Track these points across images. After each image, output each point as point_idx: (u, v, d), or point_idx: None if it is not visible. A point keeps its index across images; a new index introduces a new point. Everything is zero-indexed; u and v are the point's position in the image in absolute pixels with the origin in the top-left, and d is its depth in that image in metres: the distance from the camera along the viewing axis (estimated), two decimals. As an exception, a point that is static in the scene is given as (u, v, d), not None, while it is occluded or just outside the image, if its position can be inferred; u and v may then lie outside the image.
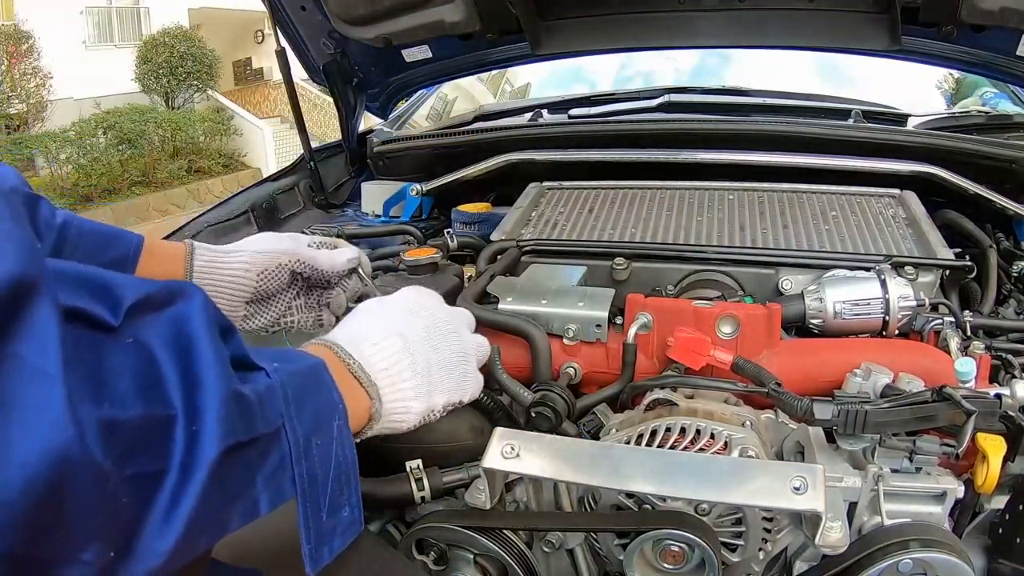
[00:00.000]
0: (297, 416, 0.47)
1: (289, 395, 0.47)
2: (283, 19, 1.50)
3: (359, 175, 1.77)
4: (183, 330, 0.41)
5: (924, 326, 0.89)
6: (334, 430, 0.51)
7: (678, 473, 0.66)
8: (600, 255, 1.06)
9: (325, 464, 0.50)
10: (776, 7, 1.34)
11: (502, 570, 0.77)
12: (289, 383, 0.47)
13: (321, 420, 0.50)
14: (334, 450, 0.51)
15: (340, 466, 0.51)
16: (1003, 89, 1.79)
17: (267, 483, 0.45)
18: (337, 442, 0.51)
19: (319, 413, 0.50)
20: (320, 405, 0.50)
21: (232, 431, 0.40)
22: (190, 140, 11.53)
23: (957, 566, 0.65)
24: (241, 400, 0.42)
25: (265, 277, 0.86)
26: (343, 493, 0.52)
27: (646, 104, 1.70)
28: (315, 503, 0.49)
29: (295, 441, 0.47)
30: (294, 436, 0.46)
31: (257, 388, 0.44)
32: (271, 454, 0.45)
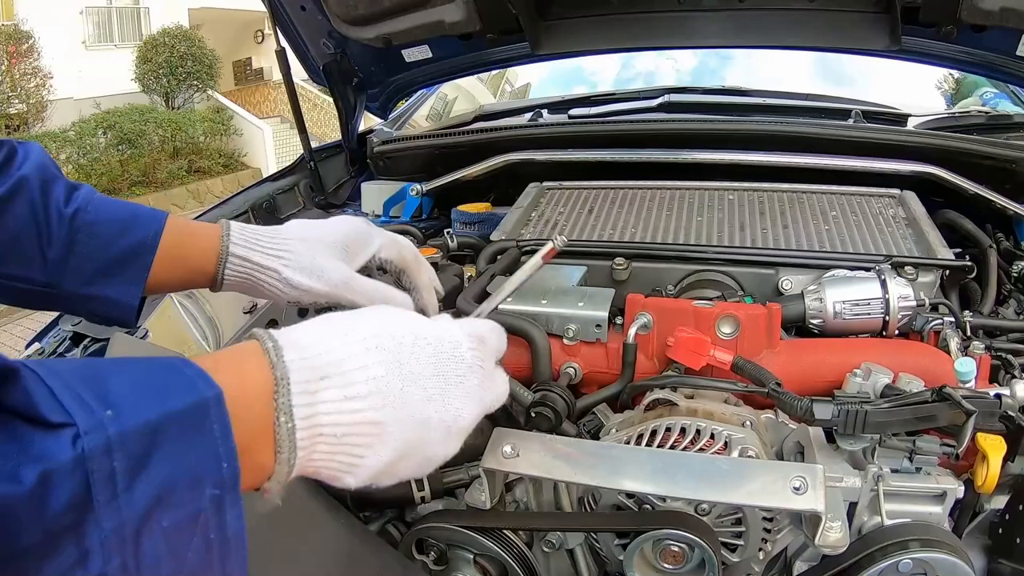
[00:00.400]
0: (125, 491, 0.34)
1: (114, 466, 0.33)
2: (283, 19, 1.50)
3: (359, 175, 1.77)
4: None
5: (924, 326, 0.89)
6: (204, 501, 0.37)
7: (678, 473, 0.66)
8: (600, 255, 1.06)
9: (176, 548, 0.36)
10: (776, 7, 1.34)
11: (502, 570, 0.77)
12: (120, 447, 0.33)
13: (177, 491, 0.36)
14: (200, 528, 0.37)
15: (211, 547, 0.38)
16: (1003, 89, 1.79)
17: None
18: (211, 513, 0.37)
19: (176, 480, 0.36)
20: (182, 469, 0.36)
21: None
22: (190, 140, 11.53)
23: (957, 566, 0.65)
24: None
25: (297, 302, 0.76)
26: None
27: (646, 104, 1.70)
28: None
29: (114, 528, 0.33)
30: (114, 523, 0.33)
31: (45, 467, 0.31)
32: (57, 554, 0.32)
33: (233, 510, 0.38)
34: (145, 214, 0.74)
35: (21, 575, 0.32)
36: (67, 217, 0.69)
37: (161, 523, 0.35)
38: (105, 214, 0.72)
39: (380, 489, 0.55)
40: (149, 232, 0.73)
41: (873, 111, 1.61)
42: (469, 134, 1.54)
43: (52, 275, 0.69)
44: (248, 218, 1.49)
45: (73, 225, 0.69)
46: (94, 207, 0.71)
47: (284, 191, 1.61)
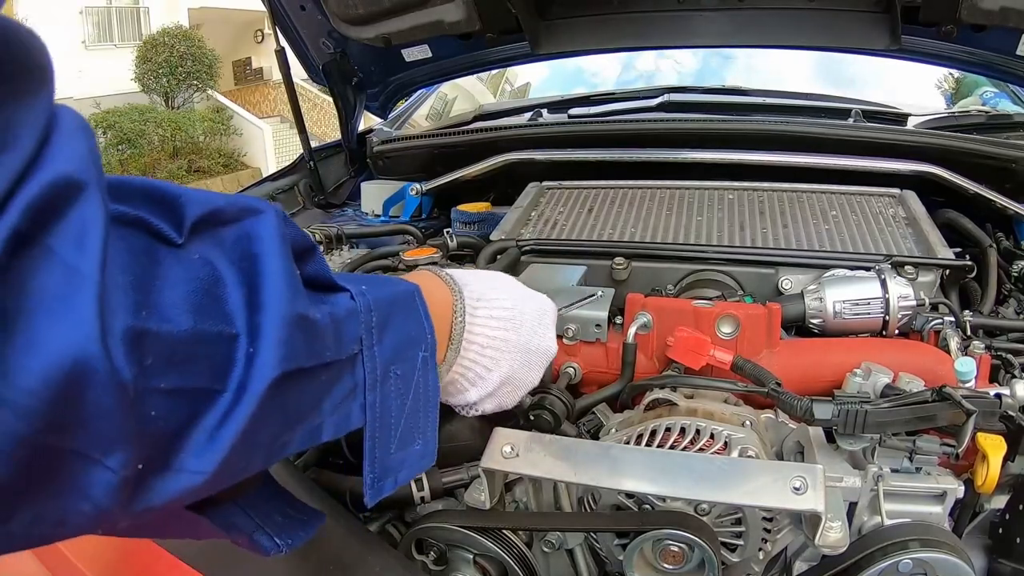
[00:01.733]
0: (378, 343, 0.45)
1: (373, 321, 0.45)
2: (283, 19, 1.50)
3: (359, 175, 1.77)
4: (250, 248, 0.39)
5: (924, 326, 0.89)
6: (418, 360, 0.50)
7: (678, 473, 0.66)
8: (600, 255, 1.06)
9: (402, 395, 0.48)
10: (776, 7, 1.34)
11: (502, 570, 0.77)
12: (375, 308, 0.45)
13: (404, 349, 0.48)
14: (415, 381, 0.49)
15: (419, 398, 0.50)
16: (1003, 89, 1.79)
17: (334, 409, 0.43)
18: (420, 373, 0.50)
19: (403, 341, 0.48)
20: (406, 333, 0.48)
21: (292, 356, 0.38)
22: (190, 140, 11.54)
23: (957, 566, 0.65)
24: (307, 324, 0.39)
25: None
26: (417, 426, 0.50)
27: (646, 104, 1.69)
28: (384, 434, 0.47)
29: (371, 369, 0.45)
30: (371, 364, 0.45)
31: (335, 312, 0.42)
32: (342, 381, 0.43)
33: (433, 372, 0.51)
34: None
35: (317, 390, 0.42)
36: None
37: (397, 371, 0.47)
38: None
39: None
40: None
41: (873, 111, 1.60)
42: (469, 134, 1.54)
43: None
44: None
45: None
46: None
47: (284, 191, 1.61)
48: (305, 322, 0.39)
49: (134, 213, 0.35)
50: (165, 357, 0.33)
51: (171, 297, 0.34)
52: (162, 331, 0.33)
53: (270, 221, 0.40)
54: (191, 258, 0.37)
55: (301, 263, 0.42)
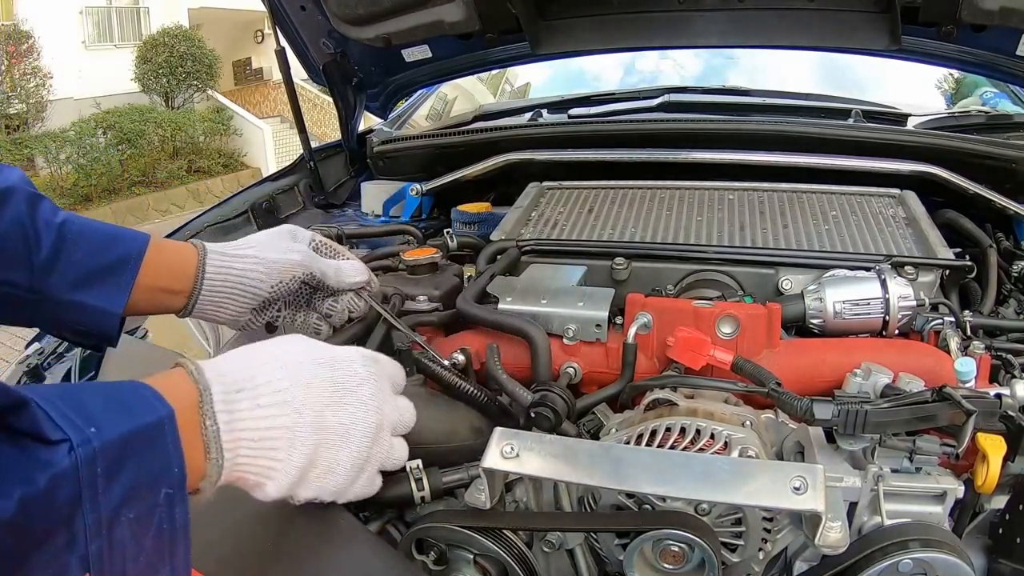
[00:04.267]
0: (104, 492, 0.42)
1: (98, 471, 0.41)
2: (283, 19, 1.50)
3: (359, 175, 1.77)
4: None
5: (924, 326, 0.89)
6: (160, 498, 0.46)
7: (678, 473, 0.66)
8: (600, 255, 1.06)
9: (139, 536, 0.44)
10: (776, 7, 1.34)
11: (502, 570, 0.77)
12: (102, 455, 0.42)
13: (140, 490, 0.44)
14: (156, 518, 0.45)
15: (163, 535, 0.46)
16: (1003, 89, 1.79)
17: (44, 567, 0.40)
18: (164, 509, 0.46)
19: (140, 481, 0.44)
20: (145, 472, 0.45)
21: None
22: (190, 140, 11.54)
23: (957, 566, 0.65)
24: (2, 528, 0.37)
25: (277, 288, 0.85)
26: (163, 561, 0.46)
27: (646, 104, 1.70)
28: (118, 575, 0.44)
29: (94, 520, 0.42)
30: (94, 515, 0.42)
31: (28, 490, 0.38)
32: (51, 540, 0.40)
33: (181, 505, 0.47)
34: (129, 231, 0.78)
35: (23, 557, 0.39)
36: (55, 226, 0.70)
37: (128, 515, 0.44)
38: (92, 227, 0.74)
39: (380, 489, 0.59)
40: (135, 244, 0.76)
41: (873, 111, 1.61)
42: (469, 134, 1.54)
43: (37, 280, 0.70)
44: (248, 218, 1.49)
45: (60, 233, 0.71)
46: (81, 221, 0.74)
47: (284, 191, 1.61)
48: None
49: None
50: None
51: None
52: None
53: None
54: None
55: (12, 418, 0.40)
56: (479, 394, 0.85)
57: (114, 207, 10.17)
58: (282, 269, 0.84)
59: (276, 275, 0.84)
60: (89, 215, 10.94)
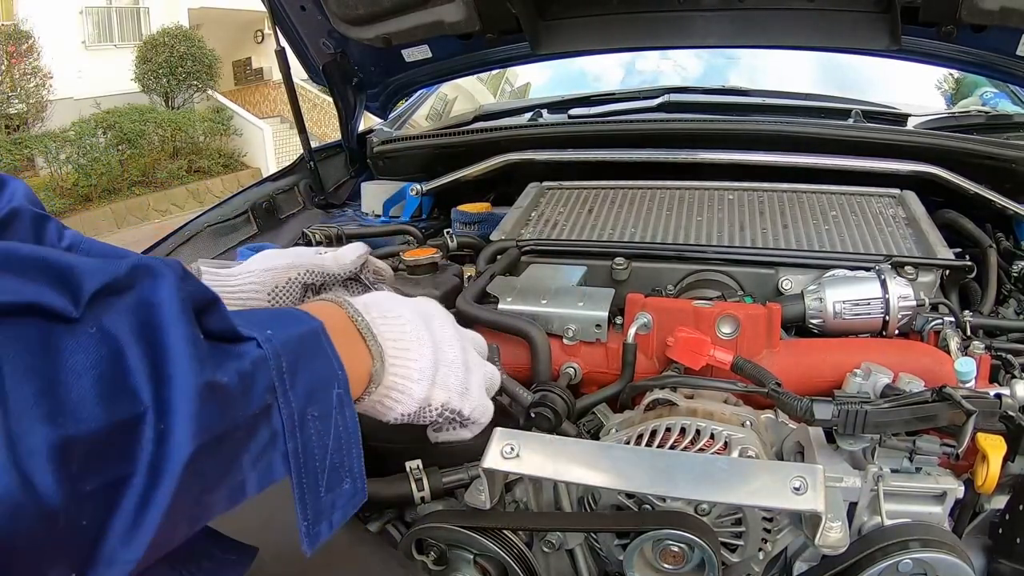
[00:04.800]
0: (291, 388, 0.44)
1: (283, 367, 0.44)
2: (283, 19, 1.50)
3: (359, 175, 1.77)
4: (151, 317, 0.37)
5: (924, 326, 0.89)
6: (333, 399, 0.49)
7: (678, 473, 0.66)
8: (600, 255, 1.06)
9: (323, 436, 0.47)
10: (776, 7, 1.34)
11: (502, 570, 0.77)
12: (284, 352, 0.44)
13: (318, 390, 0.47)
14: (333, 420, 0.48)
15: (340, 437, 0.49)
16: (1003, 89, 1.79)
17: (254, 463, 0.43)
18: (337, 411, 0.49)
19: (316, 383, 0.47)
20: (317, 374, 0.48)
21: (206, 428, 0.37)
22: (190, 140, 11.53)
23: (957, 566, 0.65)
24: (217, 391, 0.39)
25: (277, 294, 0.84)
26: (343, 465, 0.49)
27: (646, 104, 1.70)
28: (312, 478, 0.47)
29: (288, 416, 0.44)
30: (287, 410, 0.44)
31: (242, 367, 0.41)
32: (258, 433, 0.43)
33: (349, 408, 0.50)
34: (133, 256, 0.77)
35: (235, 449, 0.41)
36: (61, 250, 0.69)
37: (314, 414, 0.46)
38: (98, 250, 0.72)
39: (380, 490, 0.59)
40: None
41: (873, 111, 1.61)
42: (469, 134, 1.54)
43: None
44: (248, 218, 1.48)
45: None
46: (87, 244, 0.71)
47: (284, 191, 1.61)
48: (215, 389, 0.38)
49: (25, 300, 0.33)
50: (86, 458, 0.32)
51: (80, 391, 0.33)
52: (80, 433, 0.32)
53: (168, 284, 0.39)
54: (89, 333, 0.35)
55: (204, 317, 0.41)
56: None
57: (114, 207, 10.16)
58: (276, 274, 0.83)
59: (272, 281, 0.83)
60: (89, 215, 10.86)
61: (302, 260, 0.86)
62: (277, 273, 0.84)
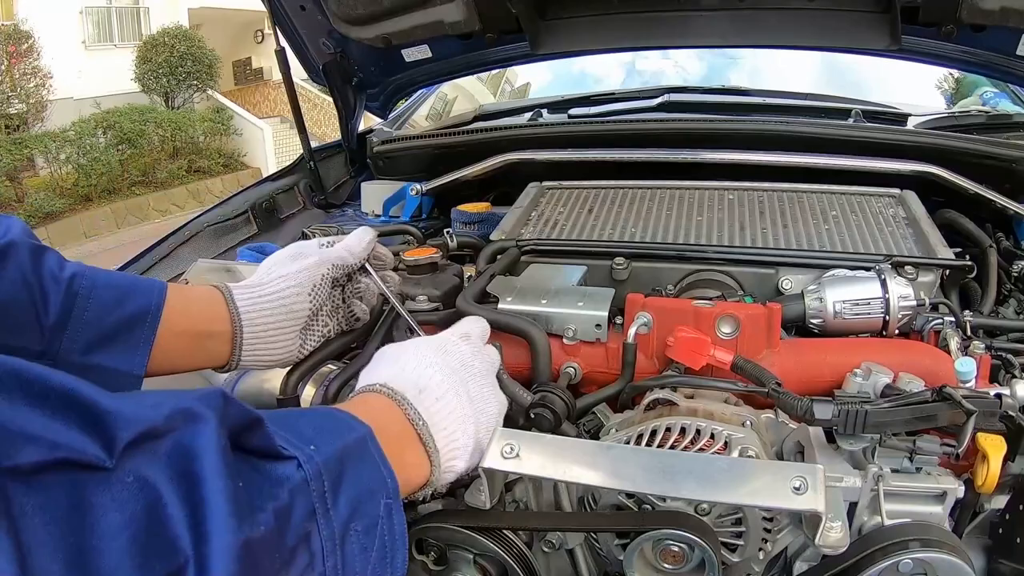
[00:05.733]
0: (333, 506, 0.43)
1: (325, 487, 0.43)
2: (283, 19, 1.50)
3: (359, 175, 1.77)
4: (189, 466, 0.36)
5: (924, 326, 0.89)
6: (380, 508, 0.47)
7: (678, 473, 0.66)
8: (600, 255, 1.06)
9: (365, 548, 0.45)
10: (776, 7, 1.34)
11: (502, 570, 0.77)
12: (327, 471, 0.43)
13: (363, 502, 0.46)
14: (379, 530, 0.46)
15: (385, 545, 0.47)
16: (1003, 89, 1.79)
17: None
18: (384, 521, 0.47)
19: (361, 495, 0.46)
20: (363, 486, 0.46)
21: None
22: (190, 140, 11.54)
23: (957, 566, 0.65)
24: (255, 544, 0.37)
25: (316, 293, 0.80)
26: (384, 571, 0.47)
27: (646, 104, 1.70)
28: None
29: (328, 536, 0.42)
30: (328, 531, 0.42)
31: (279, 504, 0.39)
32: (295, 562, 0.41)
33: (399, 515, 0.49)
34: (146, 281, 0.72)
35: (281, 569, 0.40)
36: (63, 281, 0.65)
37: (357, 528, 0.45)
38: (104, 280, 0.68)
39: None
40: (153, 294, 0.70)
41: (873, 111, 1.61)
42: (469, 134, 1.54)
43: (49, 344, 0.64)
44: (248, 218, 1.48)
45: (70, 290, 0.65)
46: (91, 273, 0.68)
47: (284, 191, 1.61)
48: (252, 544, 0.37)
49: (55, 456, 0.31)
50: None
51: (114, 556, 0.31)
52: None
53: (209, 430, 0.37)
54: (125, 483, 0.33)
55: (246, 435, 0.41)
56: None
57: (114, 207, 10.17)
58: (310, 274, 0.79)
59: (308, 283, 0.79)
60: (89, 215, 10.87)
61: (327, 255, 0.82)
62: (311, 272, 0.80)
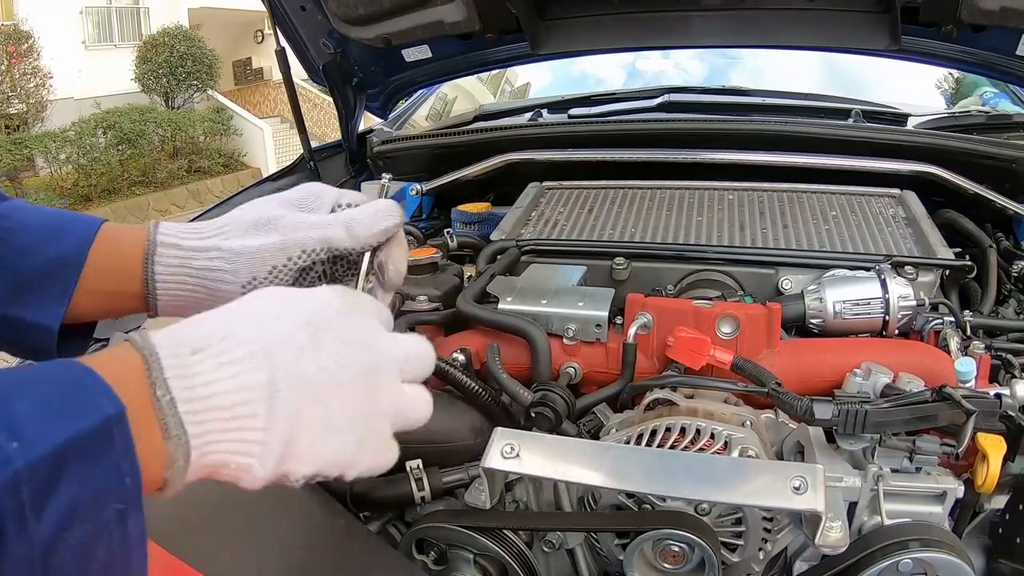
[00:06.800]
0: (35, 519, 0.33)
1: (24, 499, 0.33)
2: (283, 19, 1.50)
3: (359, 175, 1.77)
4: None
5: (924, 326, 0.89)
6: (108, 516, 0.36)
7: (678, 473, 0.66)
8: (600, 255, 1.06)
9: (84, 560, 0.36)
10: (776, 7, 1.34)
11: (502, 570, 0.77)
12: (29, 478, 0.33)
13: (82, 511, 0.35)
14: (104, 539, 0.36)
15: (112, 556, 0.37)
16: (1003, 89, 1.79)
17: None
18: (113, 527, 0.37)
19: (82, 500, 0.35)
20: (89, 489, 0.36)
21: None
22: (190, 140, 11.54)
23: (957, 566, 0.65)
24: None
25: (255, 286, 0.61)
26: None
27: (646, 104, 1.70)
28: None
29: (24, 554, 0.33)
30: (23, 548, 0.33)
31: None
32: None
33: (135, 520, 0.38)
34: (76, 221, 0.62)
35: None
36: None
37: (68, 541, 0.35)
38: (30, 221, 0.60)
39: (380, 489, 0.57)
40: (77, 240, 0.60)
41: (873, 111, 1.61)
42: (469, 134, 1.54)
43: None
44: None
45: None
46: (18, 216, 0.60)
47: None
48: None
49: None
50: None
51: None
52: None
53: None
54: None
55: None
56: (483, 391, 0.85)
57: (114, 207, 10.17)
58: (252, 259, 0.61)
59: (246, 269, 0.61)
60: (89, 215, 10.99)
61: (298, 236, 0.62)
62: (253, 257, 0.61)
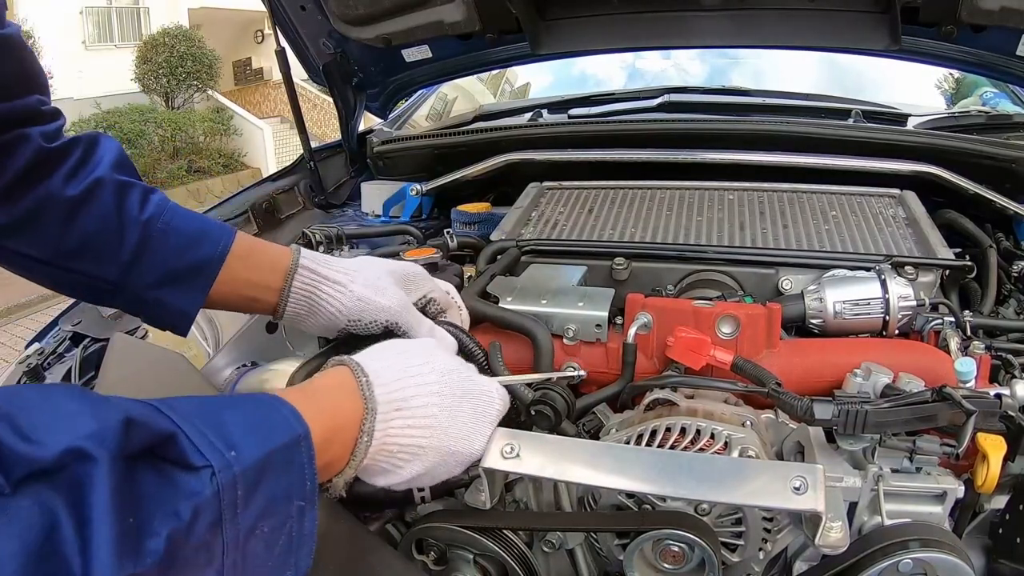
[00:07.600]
0: (242, 511, 0.43)
1: (238, 495, 0.43)
2: (283, 19, 1.50)
3: (359, 175, 1.77)
4: (83, 498, 0.37)
5: (924, 326, 0.89)
6: (292, 511, 0.48)
7: (678, 473, 0.66)
8: (600, 255, 1.06)
9: (270, 544, 0.46)
10: (776, 7, 1.34)
11: (502, 570, 0.77)
12: (242, 481, 0.43)
13: (276, 505, 0.46)
14: (286, 529, 0.47)
15: (292, 542, 0.48)
16: (1003, 89, 1.79)
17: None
18: (295, 521, 0.48)
19: (276, 499, 0.46)
20: (280, 491, 0.46)
21: None
22: (190, 140, 11.53)
23: (957, 566, 0.65)
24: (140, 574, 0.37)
25: (356, 325, 0.81)
26: (287, 564, 0.48)
27: (646, 104, 1.70)
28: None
29: (232, 538, 0.43)
30: (232, 533, 0.43)
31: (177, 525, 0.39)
32: (195, 561, 0.41)
33: (311, 515, 0.49)
34: (215, 229, 0.78)
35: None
36: (140, 223, 0.73)
37: (263, 528, 0.45)
38: (178, 224, 0.75)
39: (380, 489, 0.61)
40: (218, 246, 0.76)
41: (873, 111, 1.61)
42: (469, 134, 1.54)
43: (122, 275, 0.73)
44: (248, 218, 1.48)
45: (146, 232, 0.73)
46: (168, 216, 0.75)
47: (284, 191, 1.61)
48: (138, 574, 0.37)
49: None
50: None
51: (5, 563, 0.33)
52: None
53: (99, 472, 0.37)
54: (21, 505, 0.35)
55: (161, 450, 0.41)
56: None
57: (114, 207, 10.16)
58: (364, 309, 0.80)
59: (356, 312, 0.80)
60: (89, 215, 10.96)
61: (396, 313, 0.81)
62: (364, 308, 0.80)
